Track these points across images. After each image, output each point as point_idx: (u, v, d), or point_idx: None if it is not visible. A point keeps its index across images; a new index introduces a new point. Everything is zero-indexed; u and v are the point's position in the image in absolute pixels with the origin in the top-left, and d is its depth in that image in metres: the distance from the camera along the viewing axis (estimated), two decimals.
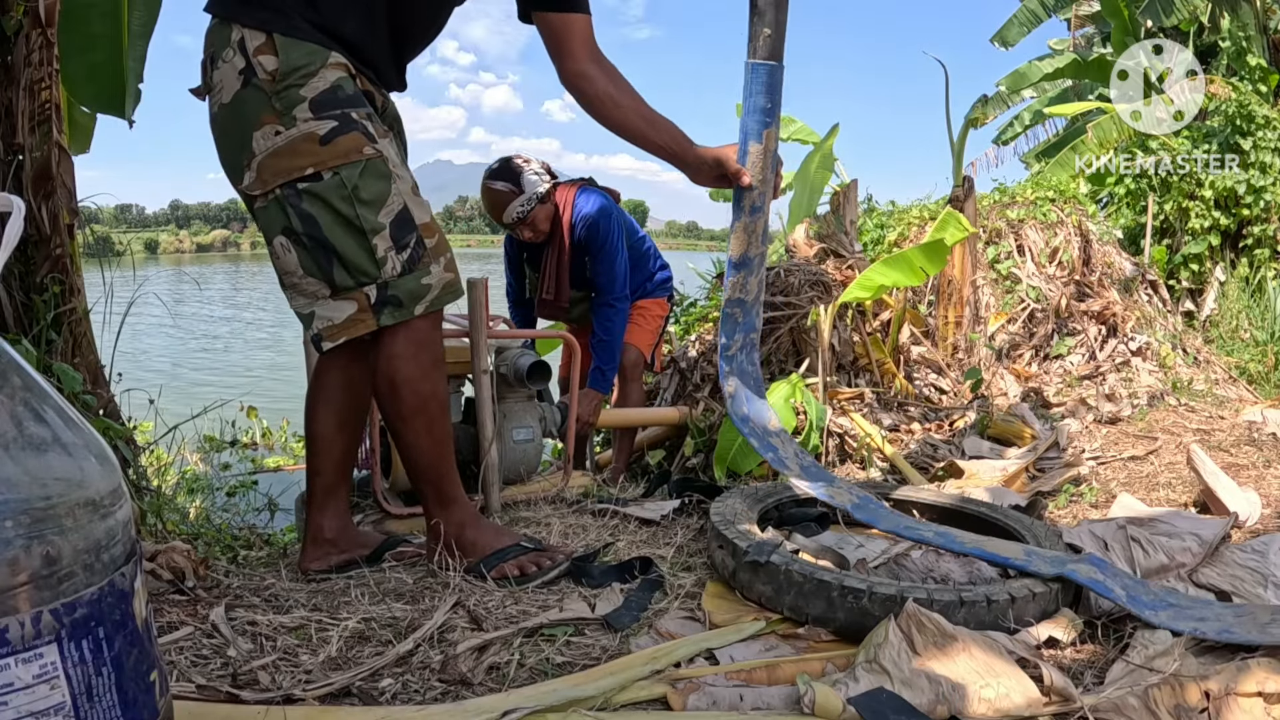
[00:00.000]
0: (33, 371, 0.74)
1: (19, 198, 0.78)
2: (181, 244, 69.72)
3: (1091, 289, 4.51)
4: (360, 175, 1.42)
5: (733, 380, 1.97)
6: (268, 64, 1.40)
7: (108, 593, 0.71)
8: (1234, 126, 6.26)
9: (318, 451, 1.65)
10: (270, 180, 1.43)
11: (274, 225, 1.46)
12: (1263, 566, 1.56)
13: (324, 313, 1.47)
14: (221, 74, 1.43)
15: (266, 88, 1.40)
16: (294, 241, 1.45)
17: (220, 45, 1.44)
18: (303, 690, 1.13)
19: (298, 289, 1.49)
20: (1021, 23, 11.07)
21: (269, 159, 1.42)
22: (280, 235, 1.46)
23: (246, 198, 1.49)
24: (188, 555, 1.56)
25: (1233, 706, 1.09)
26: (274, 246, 1.48)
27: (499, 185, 2.88)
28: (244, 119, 1.43)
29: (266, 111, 1.41)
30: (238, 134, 1.44)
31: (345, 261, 1.44)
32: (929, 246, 3.06)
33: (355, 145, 1.42)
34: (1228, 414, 3.45)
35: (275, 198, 1.44)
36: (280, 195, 1.43)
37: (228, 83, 1.43)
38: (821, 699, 1.08)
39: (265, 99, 1.41)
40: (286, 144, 1.41)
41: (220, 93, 1.45)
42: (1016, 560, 1.49)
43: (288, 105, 1.40)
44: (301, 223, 1.43)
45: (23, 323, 1.99)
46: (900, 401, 3.35)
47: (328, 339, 1.48)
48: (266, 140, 1.42)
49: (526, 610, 1.45)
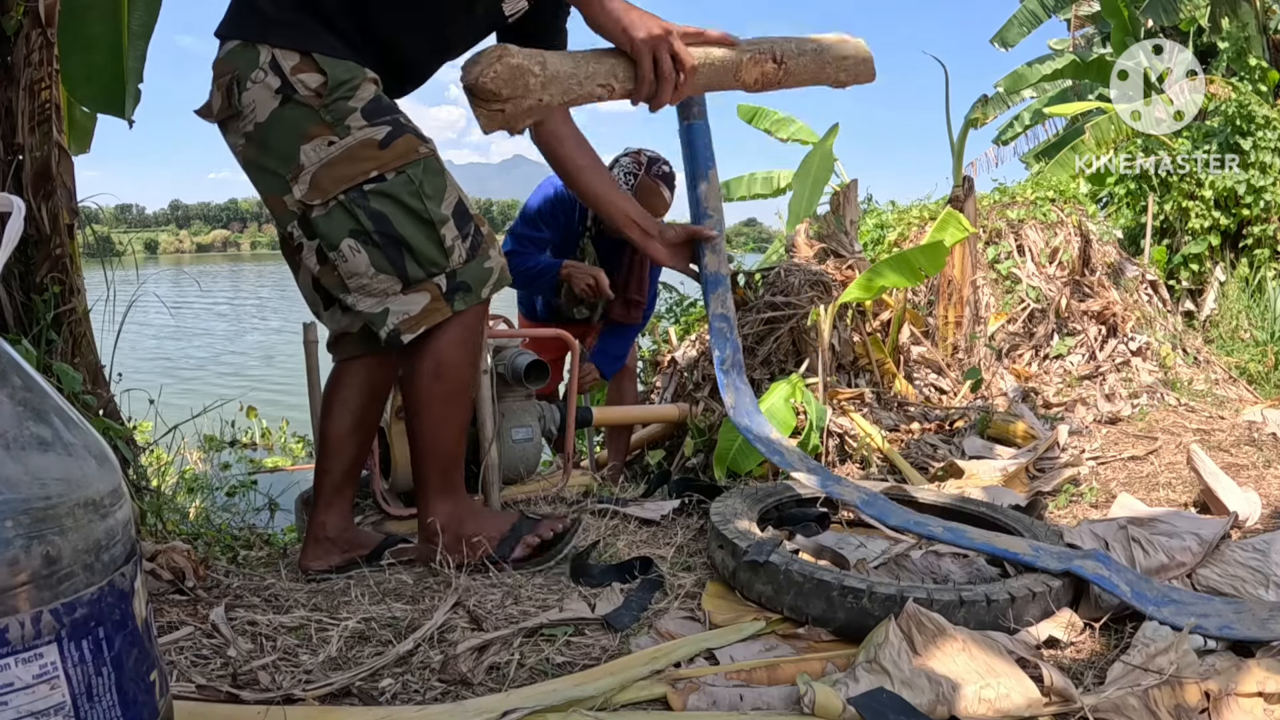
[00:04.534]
0: (33, 371, 0.74)
1: (19, 198, 0.78)
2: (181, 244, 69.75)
3: (1091, 289, 4.51)
4: (423, 172, 1.49)
5: (732, 392, 1.99)
6: (311, 81, 1.44)
7: (108, 593, 0.71)
8: (1234, 126, 6.26)
9: (330, 452, 1.67)
10: (331, 188, 1.46)
11: (340, 229, 1.48)
12: (1263, 566, 1.56)
13: (399, 307, 1.51)
14: (253, 95, 1.45)
15: (313, 102, 1.44)
16: (364, 241, 1.48)
17: (246, 67, 1.45)
18: (303, 690, 1.14)
19: (366, 290, 1.51)
20: (1021, 23, 11.08)
21: (325, 169, 1.45)
22: (348, 238, 1.48)
23: (300, 207, 1.49)
24: (188, 555, 1.56)
25: (1233, 706, 1.09)
26: (341, 250, 1.49)
27: (668, 195, 2.68)
28: (287, 135, 1.46)
29: (315, 124, 1.44)
30: (279, 150, 1.47)
31: (417, 254, 1.49)
32: (929, 247, 3.06)
33: (411, 146, 1.49)
34: (1228, 414, 3.45)
35: (339, 203, 1.47)
36: (345, 200, 1.47)
37: (261, 102, 1.45)
38: (821, 699, 1.08)
39: (312, 113, 1.44)
40: (344, 152, 1.45)
41: (253, 113, 1.46)
42: (1024, 555, 1.49)
43: (339, 116, 1.45)
44: (372, 221, 1.47)
45: (23, 323, 1.99)
46: (900, 401, 3.35)
47: (407, 331, 1.51)
48: (319, 151, 1.45)
49: (526, 610, 1.45)
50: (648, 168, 2.70)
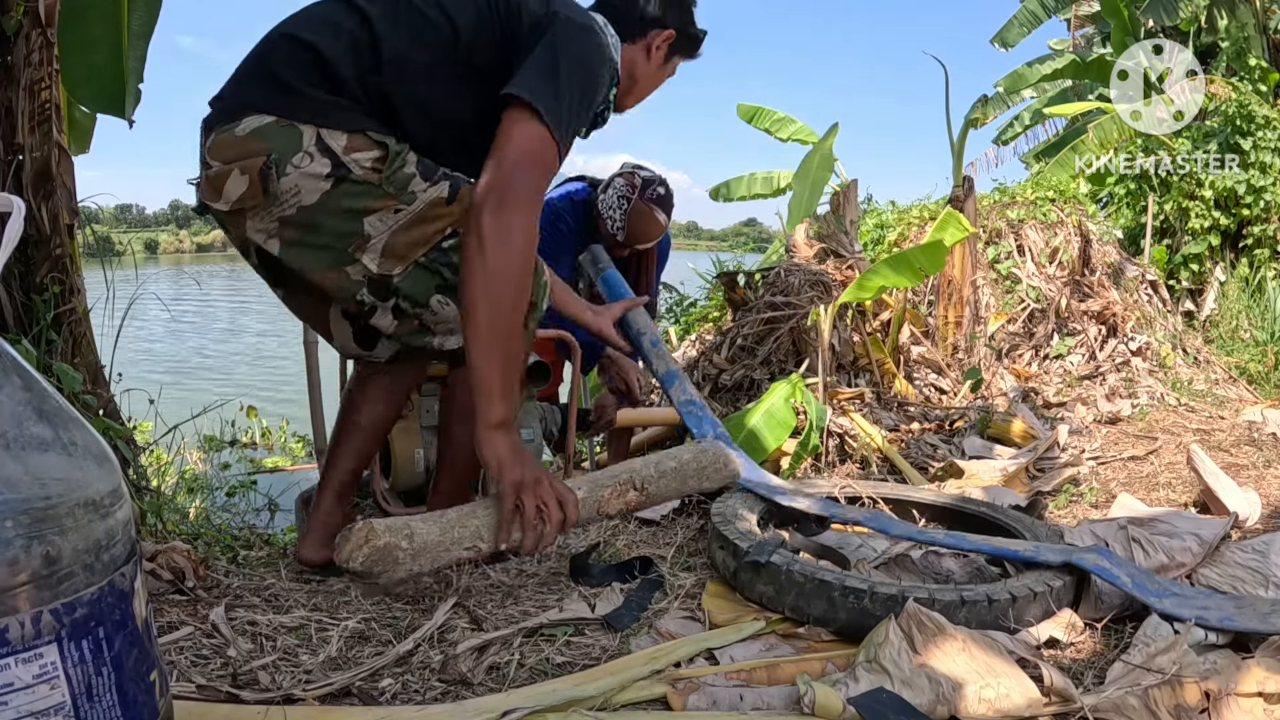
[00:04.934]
0: (33, 371, 0.74)
1: (19, 198, 0.78)
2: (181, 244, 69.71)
3: (1091, 289, 4.51)
4: None
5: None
6: (366, 159, 1.40)
7: (108, 593, 0.71)
8: (1234, 126, 6.26)
9: (346, 450, 1.70)
10: (409, 253, 1.46)
11: (426, 288, 1.50)
12: (1263, 566, 1.56)
13: None
14: (295, 180, 1.38)
15: (373, 178, 1.41)
16: (452, 294, 1.49)
17: (287, 149, 1.37)
18: (303, 690, 1.13)
19: (455, 331, 1.55)
20: (1021, 23, 11.07)
21: (398, 235, 1.45)
22: (436, 294, 1.51)
23: (370, 274, 1.46)
24: (188, 555, 1.56)
25: (1233, 706, 1.09)
26: (429, 306, 1.51)
27: (662, 219, 2.54)
28: (344, 214, 1.42)
29: (377, 198, 1.42)
30: (335, 229, 1.43)
31: None
32: (928, 247, 3.06)
33: (469, 193, 1.46)
34: (1228, 414, 3.46)
35: (421, 264, 1.48)
36: (426, 261, 1.48)
37: (308, 187, 1.39)
38: (822, 699, 1.08)
39: (372, 188, 1.41)
40: (415, 216, 1.45)
41: (295, 198, 1.40)
42: (1024, 552, 1.50)
43: (401, 184, 1.43)
44: (455, 274, 1.46)
45: (23, 323, 1.99)
46: (900, 401, 3.35)
47: None
48: (385, 221, 1.44)
49: (526, 610, 1.45)
50: (641, 191, 2.56)
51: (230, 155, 1.39)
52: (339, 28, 1.43)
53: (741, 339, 3.34)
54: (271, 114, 1.38)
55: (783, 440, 2.62)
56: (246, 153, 1.38)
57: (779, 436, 2.61)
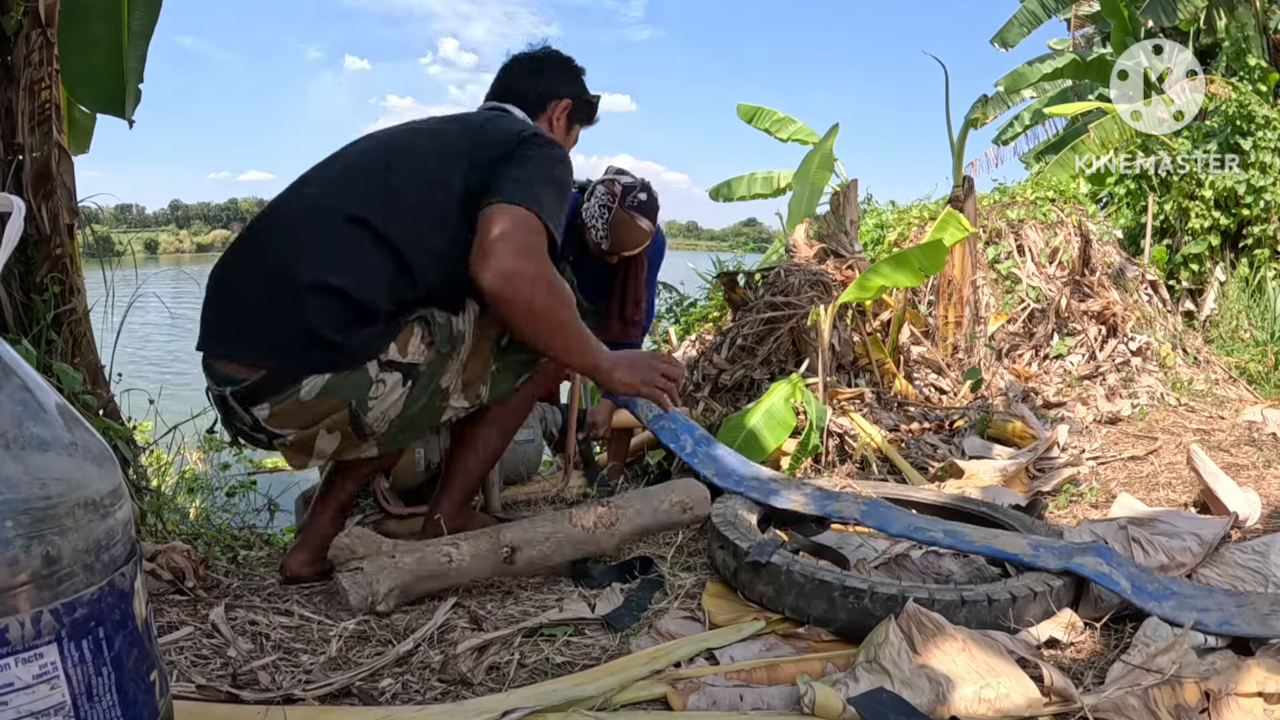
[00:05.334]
0: (33, 371, 0.74)
1: (19, 198, 0.78)
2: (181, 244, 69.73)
3: (1091, 289, 4.51)
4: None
5: (709, 466, 2.04)
6: (419, 346, 1.49)
7: (108, 593, 0.71)
8: (1234, 126, 6.26)
9: (351, 474, 1.71)
10: (484, 373, 1.61)
11: (508, 383, 1.67)
12: (1263, 567, 1.56)
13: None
14: (379, 409, 1.47)
15: (431, 355, 1.50)
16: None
17: (359, 391, 1.44)
18: (303, 690, 1.13)
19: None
20: (1021, 23, 11.06)
21: (468, 372, 1.58)
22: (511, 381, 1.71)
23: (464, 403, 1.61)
24: (188, 555, 1.56)
25: (1232, 706, 1.09)
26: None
27: (646, 225, 2.47)
28: (426, 396, 1.53)
29: (443, 364, 1.53)
30: (423, 409, 1.55)
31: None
32: (929, 247, 3.06)
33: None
34: (1228, 414, 3.46)
35: (495, 370, 1.63)
36: (498, 366, 1.64)
37: (391, 401, 1.48)
38: (821, 699, 1.08)
39: (435, 362, 1.51)
40: (472, 348, 1.56)
41: (384, 418, 1.49)
42: (1024, 556, 1.49)
43: (451, 338, 1.52)
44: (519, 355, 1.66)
45: (23, 323, 1.99)
46: (900, 401, 3.34)
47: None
48: (454, 367, 1.55)
49: (526, 610, 1.45)
50: (622, 199, 2.51)
51: (305, 421, 1.43)
52: (366, 266, 1.42)
53: (741, 339, 3.34)
54: (330, 371, 1.40)
55: (783, 440, 2.62)
56: (323, 413, 1.43)
57: (779, 436, 2.61)
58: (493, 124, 1.61)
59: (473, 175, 1.50)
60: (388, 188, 1.46)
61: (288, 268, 1.38)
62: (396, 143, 1.56)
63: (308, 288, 1.36)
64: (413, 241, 1.45)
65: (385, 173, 1.48)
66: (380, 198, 1.45)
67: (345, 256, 1.41)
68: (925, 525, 1.68)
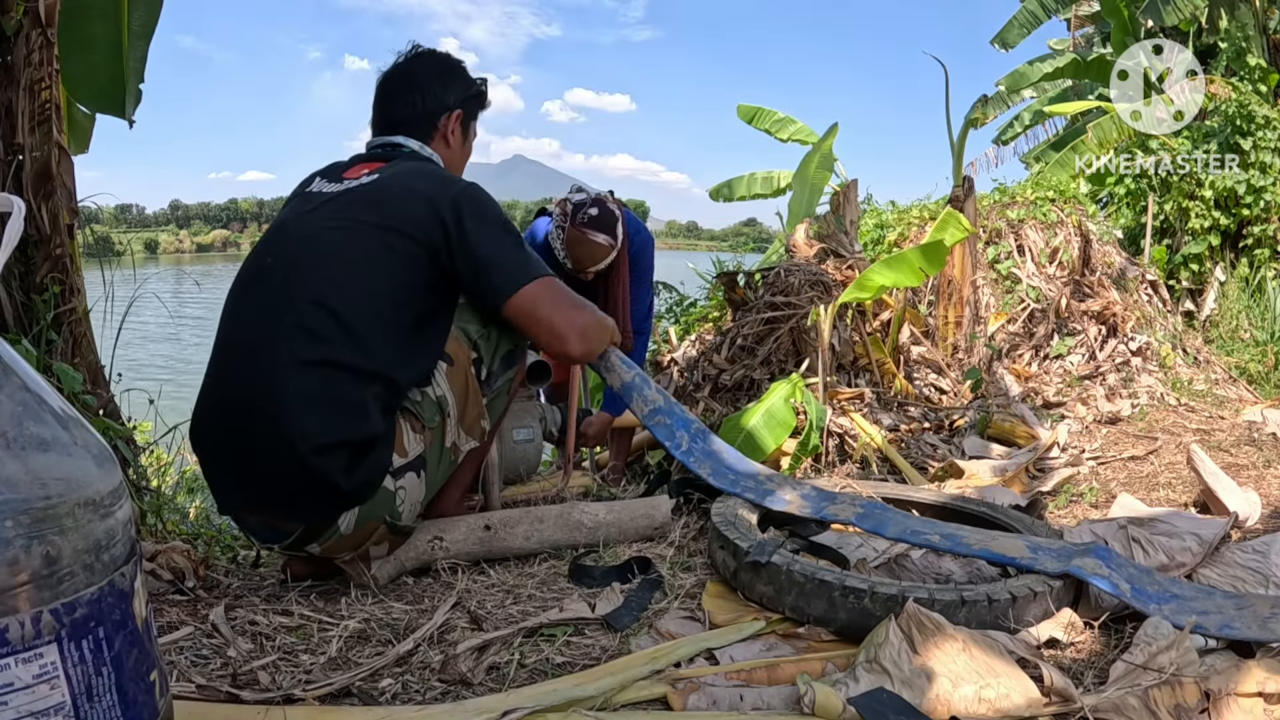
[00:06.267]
0: (33, 371, 0.74)
1: (19, 198, 0.78)
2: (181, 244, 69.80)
3: (1091, 289, 4.51)
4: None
5: (705, 465, 2.03)
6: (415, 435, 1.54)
7: (108, 593, 0.71)
8: (1234, 126, 6.26)
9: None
10: (479, 411, 1.67)
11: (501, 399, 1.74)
12: (1263, 567, 1.56)
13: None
14: (408, 507, 1.54)
15: (428, 437, 1.55)
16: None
17: (389, 505, 1.50)
18: (303, 690, 1.13)
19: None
20: (1021, 24, 11.05)
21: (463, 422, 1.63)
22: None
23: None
24: (188, 555, 1.56)
25: (1232, 706, 1.09)
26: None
27: (601, 239, 2.50)
28: (438, 471, 1.60)
29: (440, 436, 1.58)
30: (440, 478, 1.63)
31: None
32: (928, 247, 3.06)
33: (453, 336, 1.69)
34: (1228, 414, 3.45)
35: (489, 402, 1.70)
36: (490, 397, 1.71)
37: (415, 490, 1.55)
38: (821, 699, 1.07)
39: (434, 441, 1.56)
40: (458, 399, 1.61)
41: (414, 501, 1.55)
42: (1022, 559, 1.49)
43: (438, 407, 1.58)
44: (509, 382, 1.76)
45: (23, 323, 1.99)
46: (900, 401, 3.34)
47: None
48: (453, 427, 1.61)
49: (526, 610, 1.45)
50: (572, 218, 2.54)
51: (353, 544, 1.52)
52: (350, 404, 1.42)
53: (741, 339, 3.34)
54: (357, 505, 1.47)
55: (783, 440, 2.62)
56: (366, 535, 1.51)
57: (779, 436, 2.61)
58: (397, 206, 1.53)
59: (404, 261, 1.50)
60: (332, 314, 1.43)
61: (279, 434, 1.38)
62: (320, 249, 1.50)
63: (313, 452, 1.38)
64: (375, 357, 1.45)
65: (322, 287, 1.44)
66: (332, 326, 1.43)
67: (327, 405, 1.41)
68: (922, 528, 1.67)
